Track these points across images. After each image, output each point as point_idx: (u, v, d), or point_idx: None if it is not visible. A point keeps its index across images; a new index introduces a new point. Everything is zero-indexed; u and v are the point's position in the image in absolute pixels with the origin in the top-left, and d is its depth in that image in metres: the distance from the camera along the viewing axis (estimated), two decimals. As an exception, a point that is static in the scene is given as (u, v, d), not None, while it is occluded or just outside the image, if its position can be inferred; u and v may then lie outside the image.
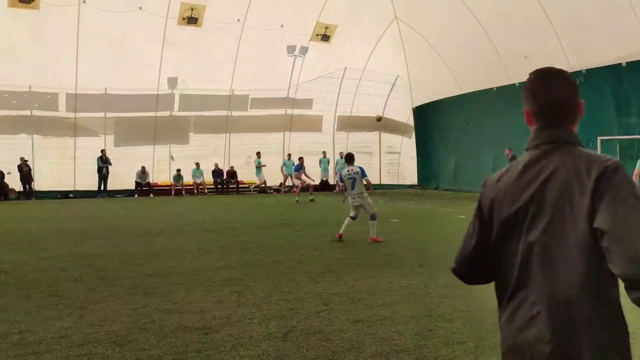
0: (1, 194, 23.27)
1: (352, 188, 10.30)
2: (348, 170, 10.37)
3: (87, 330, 5.05)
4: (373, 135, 30.28)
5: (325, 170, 28.34)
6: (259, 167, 27.06)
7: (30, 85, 23.17)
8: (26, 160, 23.46)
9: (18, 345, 4.68)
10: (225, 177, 27.19)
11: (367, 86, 28.45)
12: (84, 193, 24.28)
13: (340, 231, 10.36)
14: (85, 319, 5.42)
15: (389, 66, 27.80)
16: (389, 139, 30.47)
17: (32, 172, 23.69)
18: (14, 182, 23.71)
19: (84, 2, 21.49)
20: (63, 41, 22.07)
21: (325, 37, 26.52)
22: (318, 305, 5.85)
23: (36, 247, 10.10)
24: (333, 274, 7.47)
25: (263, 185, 27.37)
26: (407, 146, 30.53)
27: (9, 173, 23.47)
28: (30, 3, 20.96)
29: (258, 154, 27.05)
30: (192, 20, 23.66)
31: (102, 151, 24.46)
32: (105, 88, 24.22)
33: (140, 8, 22.35)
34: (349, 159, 10.69)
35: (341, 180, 10.52)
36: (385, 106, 29.71)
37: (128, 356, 4.41)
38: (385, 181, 29.27)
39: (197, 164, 26.22)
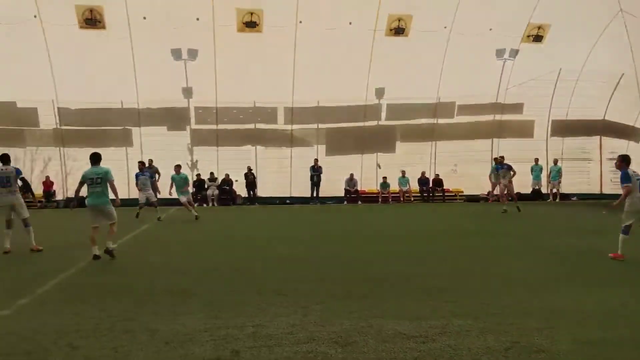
0: (230, 200, 26.05)
1: None
2: (635, 171, 9.38)
3: (310, 329, 5.39)
4: (592, 140, 27.80)
5: (537, 179, 26.62)
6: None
7: (254, 102, 25.63)
8: (251, 169, 25.97)
9: (253, 337, 5.17)
10: (431, 185, 27.08)
11: (585, 87, 26.21)
12: (299, 199, 26.06)
13: (619, 252, 9.15)
14: (308, 317, 5.79)
15: (612, 64, 25.28)
16: (612, 143, 27.59)
17: (255, 179, 26.11)
18: (240, 188, 26.40)
19: (300, 22, 23.15)
20: (282, 59, 24.02)
21: (538, 38, 25.06)
22: (539, 321, 5.51)
23: (262, 248, 11.09)
24: (553, 289, 6.98)
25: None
26: (636, 152, 27.36)
27: (236, 180, 26.19)
28: (255, 27, 23.20)
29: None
30: (399, 31, 24.08)
31: (315, 160, 26.01)
32: (318, 101, 25.76)
33: (350, 23, 23.43)
34: (628, 160, 9.55)
35: (624, 181, 9.24)
36: (607, 107, 27.09)
37: (349, 357, 4.61)
38: (607, 191, 26.58)
39: (403, 172, 26.51)
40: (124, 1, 22.17)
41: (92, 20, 22.38)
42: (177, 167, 18.80)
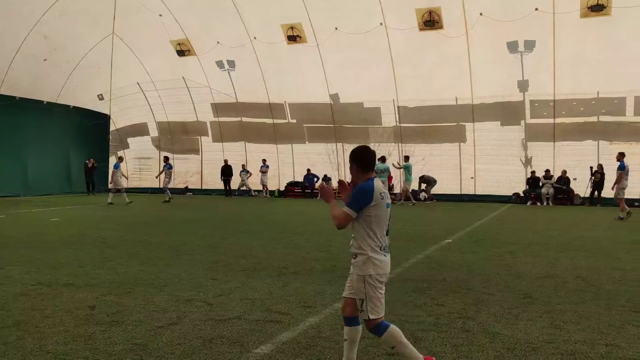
0: (567, 199, 24.30)
1: None
2: None
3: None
4: None
5: None
6: None
7: (597, 92, 23.25)
8: (602, 167, 23.16)
9: (606, 357, 4.63)
10: None
11: None
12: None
13: None
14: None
15: None
16: None
17: (603, 178, 22.98)
18: (579, 187, 24.30)
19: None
20: (635, 43, 21.30)
21: None
22: None
23: (608, 256, 9.99)
24: None
25: None
26: None
27: (574, 179, 24.20)
28: (601, 11, 21.03)
29: None
30: None
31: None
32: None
33: None
34: None
35: None
36: None
37: None
38: None
39: None
40: (461, 0, 22.56)
41: (430, 22, 23.34)
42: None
